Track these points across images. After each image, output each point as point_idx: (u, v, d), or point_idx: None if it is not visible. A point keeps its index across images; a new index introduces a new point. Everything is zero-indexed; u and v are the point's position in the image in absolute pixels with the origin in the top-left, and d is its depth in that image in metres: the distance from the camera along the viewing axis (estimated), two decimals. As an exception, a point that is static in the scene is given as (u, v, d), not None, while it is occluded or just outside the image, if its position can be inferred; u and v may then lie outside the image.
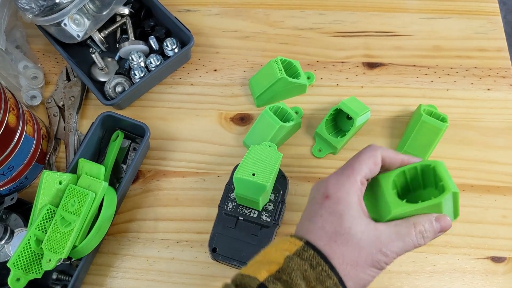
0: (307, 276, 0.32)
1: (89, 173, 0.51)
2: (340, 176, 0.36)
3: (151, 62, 0.62)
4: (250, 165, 0.46)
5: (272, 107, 0.57)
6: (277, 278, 0.32)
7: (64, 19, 0.57)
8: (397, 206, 0.35)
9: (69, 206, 0.48)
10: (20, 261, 0.47)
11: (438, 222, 0.35)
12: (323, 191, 0.36)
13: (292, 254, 0.33)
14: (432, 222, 0.35)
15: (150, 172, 0.59)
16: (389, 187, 0.37)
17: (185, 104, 0.63)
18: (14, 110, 0.51)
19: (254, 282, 0.32)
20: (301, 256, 0.33)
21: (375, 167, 0.37)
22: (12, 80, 0.62)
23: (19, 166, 0.54)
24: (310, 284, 0.32)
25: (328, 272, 0.32)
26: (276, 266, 0.32)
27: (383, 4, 0.69)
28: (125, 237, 0.55)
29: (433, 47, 0.65)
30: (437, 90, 0.62)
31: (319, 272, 0.32)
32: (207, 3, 0.70)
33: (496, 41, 0.65)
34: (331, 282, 0.32)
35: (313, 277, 0.32)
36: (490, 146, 0.58)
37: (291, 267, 0.32)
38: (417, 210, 0.35)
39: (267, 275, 0.32)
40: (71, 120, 0.61)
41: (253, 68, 0.65)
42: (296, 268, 0.32)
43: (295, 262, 0.32)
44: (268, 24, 0.68)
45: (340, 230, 0.34)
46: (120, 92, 0.61)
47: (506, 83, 0.62)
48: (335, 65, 0.65)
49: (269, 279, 0.32)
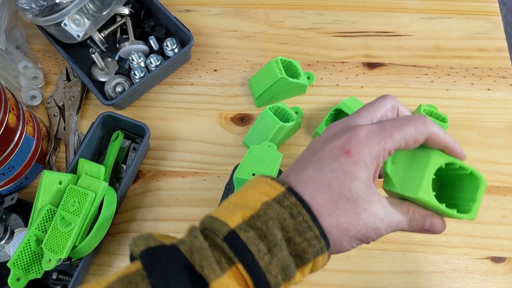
0: (285, 225, 0.28)
1: (89, 173, 0.51)
2: (373, 135, 0.31)
3: (151, 62, 0.62)
4: (250, 165, 0.46)
5: (272, 107, 0.57)
6: (251, 225, 0.28)
7: (64, 19, 0.57)
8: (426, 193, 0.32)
9: (69, 206, 0.48)
10: (20, 261, 0.47)
11: (431, 223, 0.33)
12: (345, 142, 0.31)
13: (271, 200, 0.29)
14: (426, 218, 0.33)
15: (150, 172, 0.59)
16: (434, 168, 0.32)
17: (185, 104, 0.63)
18: (14, 110, 0.51)
19: (224, 228, 0.28)
20: (281, 203, 0.29)
21: (414, 143, 0.32)
22: (12, 80, 0.62)
23: (19, 166, 0.54)
24: (287, 234, 0.28)
25: (309, 223, 0.29)
26: (251, 211, 0.29)
27: (383, 4, 0.69)
28: (125, 237, 0.55)
29: (433, 47, 0.65)
30: (437, 90, 0.62)
31: (299, 223, 0.29)
32: (207, 3, 0.70)
33: (496, 41, 0.65)
34: (311, 235, 0.28)
35: (292, 227, 0.28)
36: (490, 146, 0.58)
37: (268, 214, 0.28)
38: (435, 208, 0.33)
39: (240, 221, 0.28)
40: (71, 120, 0.61)
41: (253, 68, 0.65)
42: (274, 217, 0.28)
43: (273, 209, 0.29)
44: (268, 24, 0.68)
45: (347, 194, 0.30)
46: (120, 92, 0.61)
47: (506, 83, 0.62)
48: (335, 65, 0.65)
49: (241, 226, 0.28)
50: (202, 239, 0.28)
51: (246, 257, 0.27)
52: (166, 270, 0.27)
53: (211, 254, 0.27)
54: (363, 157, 0.30)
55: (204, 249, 0.27)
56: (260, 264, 0.27)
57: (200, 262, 0.27)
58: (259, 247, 0.28)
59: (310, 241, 0.29)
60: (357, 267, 0.53)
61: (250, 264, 0.27)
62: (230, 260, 0.28)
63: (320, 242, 0.29)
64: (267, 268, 0.27)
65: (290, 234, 0.28)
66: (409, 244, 0.53)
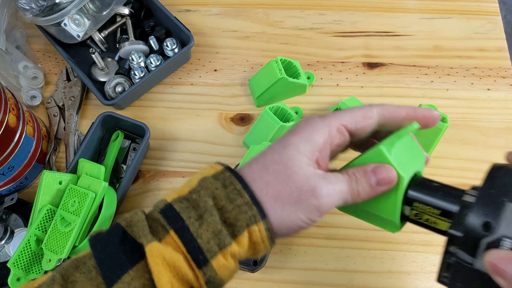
0: (217, 194, 0.29)
1: (89, 173, 0.51)
2: (318, 117, 0.32)
3: (151, 62, 0.62)
4: (250, 165, 0.46)
5: (272, 107, 0.57)
6: (186, 198, 0.30)
7: (64, 19, 0.57)
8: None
9: (69, 206, 0.48)
10: (20, 261, 0.47)
11: (374, 174, 0.31)
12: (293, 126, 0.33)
13: (208, 176, 0.31)
14: (367, 172, 0.31)
15: (150, 172, 0.59)
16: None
17: (185, 104, 0.63)
18: (14, 110, 0.51)
19: (162, 203, 0.30)
20: (216, 177, 0.30)
21: (364, 119, 0.32)
22: (12, 80, 0.62)
23: (19, 166, 0.54)
24: (219, 202, 0.29)
25: (240, 190, 0.29)
26: (189, 188, 0.30)
27: (383, 4, 0.69)
28: (125, 237, 0.55)
29: (433, 47, 0.65)
30: (437, 90, 0.62)
31: (230, 191, 0.29)
32: (207, 3, 0.70)
33: (496, 41, 0.65)
34: (242, 201, 0.29)
35: (224, 195, 0.29)
36: (490, 146, 0.58)
37: (202, 185, 0.30)
38: (363, 160, 0.32)
39: (176, 196, 0.30)
40: (71, 120, 0.61)
41: (253, 68, 0.65)
42: (206, 187, 0.30)
43: (207, 181, 0.30)
44: (268, 24, 0.68)
45: (277, 159, 0.31)
46: (120, 92, 0.61)
47: (506, 83, 0.62)
48: (335, 65, 0.65)
49: (177, 199, 0.30)
50: (141, 214, 0.30)
51: (177, 224, 0.29)
52: (106, 243, 0.29)
53: (146, 225, 0.29)
54: (300, 130, 0.32)
55: (140, 221, 0.29)
56: (191, 229, 0.28)
57: (137, 233, 0.29)
58: (190, 214, 0.29)
59: (241, 207, 0.29)
60: (357, 267, 0.53)
61: (180, 230, 0.28)
62: (165, 229, 0.29)
63: (251, 209, 0.29)
64: (198, 233, 0.28)
65: (222, 202, 0.29)
66: (409, 244, 0.53)
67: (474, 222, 0.27)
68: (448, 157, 0.58)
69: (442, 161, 0.58)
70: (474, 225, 0.27)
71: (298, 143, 0.31)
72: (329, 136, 0.31)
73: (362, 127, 0.32)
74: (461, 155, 0.58)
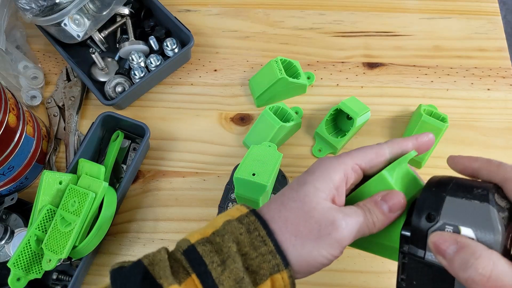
0: (241, 240, 0.29)
1: (89, 173, 0.52)
2: (333, 157, 0.34)
3: (151, 62, 0.62)
4: (250, 165, 0.46)
5: (272, 107, 0.57)
6: (209, 240, 0.30)
7: (64, 19, 0.57)
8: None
9: (69, 206, 0.48)
10: (20, 261, 0.47)
11: (384, 202, 0.31)
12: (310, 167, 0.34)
13: (233, 219, 0.31)
14: (377, 202, 0.32)
15: (150, 172, 0.59)
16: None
17: (185, 104, 0.63)
18: (14, 110, 0.51)
19: (185, 243, 0.30)
20: (241, 221, 0.30)
21: (377, 158, 0.33)
22: (12, 80, 0.62)
23: (19, 166, 0.54)
24: (243, 248, 0.29)
25: (264, 238, 0.29)
26: (213, 229, 0.30)
27: (383, 4, 0.69)
28: (125, 237, 0.55)
29: (433, 47, 0.65)
30: (437, 90, 0.62)
31: (254, 237, 0.29)
32: (207, 3, 0.70)
33: (496, 41, 0.65)
34: (266, 249, 0.29)
35: (248, 241, 0.29)
36: (490, 146, 0.58)
37: (226, 229, 0.30)
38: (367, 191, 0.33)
39: (200, 237, 0.30)
40: (71, 120, 0.61)
41: (253, 68, 0.65)
42: (230, 231, 0.30)
43: (232, 225, 0.30)
44: (268, 24, 0.68)
45: (295, 196, 0.31)
46: (120, 92, 0.61)
47: (506, 83, 0.62)
48: (335, 65, 0.65)
49: (200, 241, 0.30)
50: (164, 253, 0.30)
51: (200, 268, 0.29)
52: (127, 280, 0.29)
53: (168, 265, 0.29)
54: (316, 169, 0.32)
55: (163, 261, 0.29)
56: (213, 275, 0.28)
57: (158, 273, 0.29)
58: (213, 258, 0.29)
59: (265, 256, 0.29)
60: (357, 267, 0.53)
61: (203, 274, 0.28)
62: (187, 271, 0.29)
63: (275, 258, 0.29)
64: (220, 279, 0.28)
65: (246, 249, 0.29)
66: (409, 244, 0.53)
67: (419, 216, 0.29)
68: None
69: (442, 161, 0.57)
70: (420, 219, 0.29)
71: (314, 181, 0.32)
72: (344, 174, 0.32)
73: (375, 165, 0.34)
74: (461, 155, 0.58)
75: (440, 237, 0.27)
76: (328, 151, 0.58)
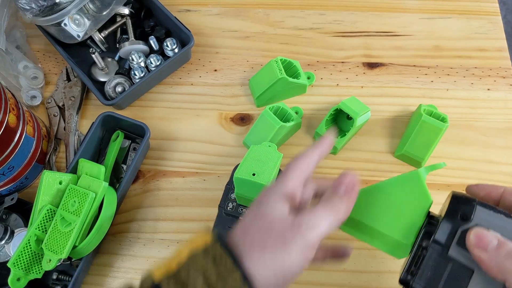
0: (208, 274, 0.28)
1: (89, 173, 0.51)
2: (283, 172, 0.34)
3: (151, 62, 0.62)
4: (250, 165, 0.46)
5: (272, 107, 0.57)
6: (174, 276, 0.29)
7: (64, 19, 0.57)
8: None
9: (69, 206, 0.48)
10: (20, 261, 0.47)
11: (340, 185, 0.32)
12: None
13: (199, 249, 0.30)
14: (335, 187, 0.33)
15: (150, 172, 0.59)
16: None
17: (185, 104, 0.63)
18: (14, 110, 0.51)
19: (149, 281, 0.29)
20: (207, 251, 0.29)
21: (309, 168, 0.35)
22: (12, 80, 0.62)
23: (19, 166, 0.54)
24: (211, 283, 0.28)
25: (231, 266, 0.28)
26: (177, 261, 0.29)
27: (383, 4, 0.69)
28: (125, 237, 0.55)
29: (433, 47, 0.65)
30: (437, 90, 0.62)
31: (222, 268, 0.28)
32: (207, 3, 0.70)
33: (496, 41, 0.65)
34: (234, 277, 0.28)
35: (215, 273, 0.28)
36: (490, 146, 0.58)
37: (191, 262, 0.29)
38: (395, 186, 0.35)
39: (164, 273, 0.29)
40: (71, 120, 0.61)
41: (253, 68, 0.65)
42: (195, 264, 0.29)
43: (198, 258, 0.29)
44: (268, 24, 0.68)
45: (255, 213, 0.31)
46: (120, 92, 0.61)
47: (506, 83, 0.62)
48: (335, 65, 0.65)
49: (165, 278, 0.29)
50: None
51: None
52: None
53: None
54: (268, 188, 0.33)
55: None
56: None
57: None
58: None
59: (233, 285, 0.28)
60: (357, 267, 0.53)
61: None
62: None
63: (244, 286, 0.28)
64: None
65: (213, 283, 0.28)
66: (409, 244, 0.53)
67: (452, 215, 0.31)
68: (448, 157, 0.58)
69: (442, 161, 0.58)
70: (453, 218, 0.31)
71: (268, 195, 0.32)
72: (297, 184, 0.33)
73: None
74: (461, 155, 0.58)
75: (482, 232, 0.29)
76: (328, 151, 0.58)
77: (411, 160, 0.57)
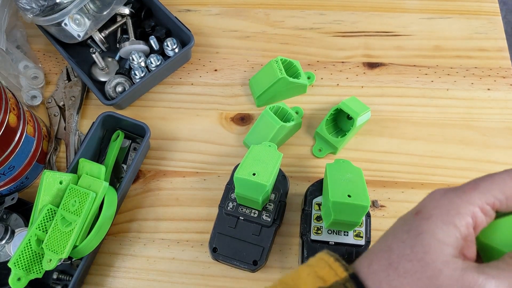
0: None
1: (90, 173, 0.52)
2: (452, 191, 0.25)
3: (152, 62, 0.62)
4: (250, 165, 0.46)
5: (272, 107, 0.57)
6: None
7: (64, 19, 0.57)
8: None
9: (70, 206, 0.48)
10: (21, 261, 0.47)
11: None
12: (419, 205, 0.25)
13: (326, 286, 0.24)
14: None
15: (150, 172, 0.59)
16: None
17: (185, 104, 0.63)
18: (14, 110, 0.51)
19: None
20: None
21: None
22: (13, 80, 0.62)
23: (20, 166, 0.54)
24: None
25: None
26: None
27: (383, 4, 0.69)
28: (125, 237, 0.56)
29: (433, 47, 0.65)
30: (437, 90, 0.62)
31: None
32: (207, 3, 0.70)
33: (496, 41, 0.65)
34: None
35: None
36: (490, 146, 0.58)
37: None
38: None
39: None
40: (71, 120, 0.61)
41: (253, 68, 0.65)
42: None
43: None
44: (268, 24, 0.68)
45: (409, 254, 0.23)
46: (120, 92, 0.61)
47: (506, 83, 0.62)
48: (335, 65, 0.65)
49: None
50: None
51: None
52: None
53: None
54: (432, 211, 0.24)
55: None
56: None
57: None
58: None
59: None
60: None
61: None
62: None
63: None
64: None
65: None
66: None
67: None
68: (448, 157, 0.58)
69: (442, 161, 0.58)
70: None
71: (434, 229, 0.23)
72: (472, 219, 0.24)
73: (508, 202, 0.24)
74: (461, 155, 0.58)
75: None
76: (328, 151, 0.58)
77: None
